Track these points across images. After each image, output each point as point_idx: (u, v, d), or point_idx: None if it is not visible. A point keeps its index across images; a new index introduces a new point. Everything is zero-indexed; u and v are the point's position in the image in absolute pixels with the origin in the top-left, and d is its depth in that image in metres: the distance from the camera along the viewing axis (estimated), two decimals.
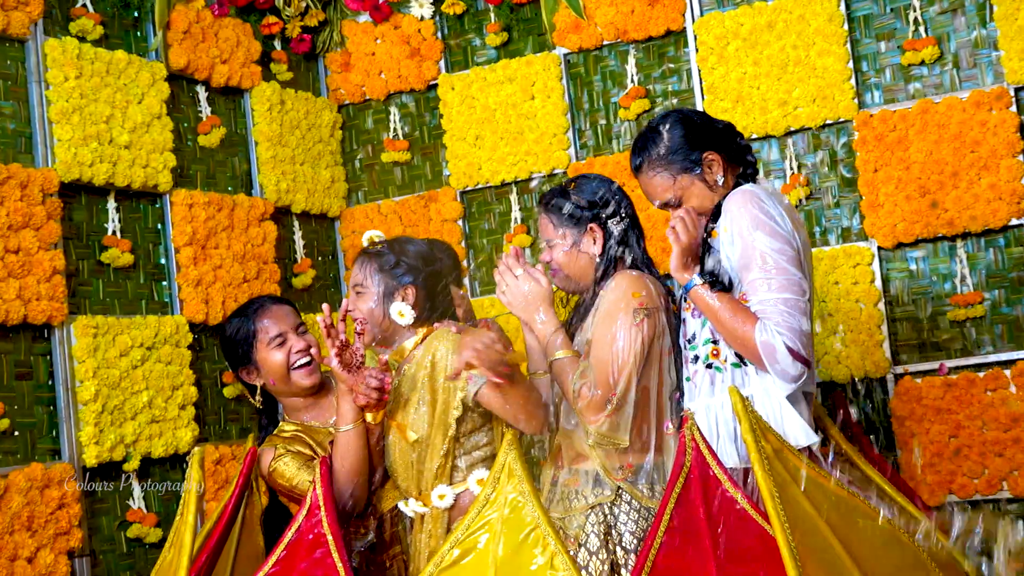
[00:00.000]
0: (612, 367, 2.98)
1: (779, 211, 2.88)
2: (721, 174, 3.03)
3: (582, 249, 3.19)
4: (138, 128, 4.51)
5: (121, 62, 4.49)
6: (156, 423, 4.37)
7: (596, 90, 5.28)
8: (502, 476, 2.68)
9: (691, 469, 2.61)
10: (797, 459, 2.65)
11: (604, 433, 2.97)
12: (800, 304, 2.82)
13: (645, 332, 2.99)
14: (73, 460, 4.09)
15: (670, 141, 3.06)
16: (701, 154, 3.03)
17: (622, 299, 3.03)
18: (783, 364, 2.79)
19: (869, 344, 4.65)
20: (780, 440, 2.64)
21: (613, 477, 3.00)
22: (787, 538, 2.43)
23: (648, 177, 3.10)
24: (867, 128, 4.68)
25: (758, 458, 2.53)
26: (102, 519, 4.23)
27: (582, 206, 3.19)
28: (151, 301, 4.60)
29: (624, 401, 2.97)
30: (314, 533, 2.78)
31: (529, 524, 2.60)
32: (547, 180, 5.30)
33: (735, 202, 2.91)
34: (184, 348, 4.56)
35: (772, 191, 2.99)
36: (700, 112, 3.21)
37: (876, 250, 4.71)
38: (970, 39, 4.65)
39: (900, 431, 4.59)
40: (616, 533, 2.97)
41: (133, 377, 4.31)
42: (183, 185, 4.78)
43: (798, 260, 2.86)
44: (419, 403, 3.25)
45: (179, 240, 4.65)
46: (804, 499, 2.59)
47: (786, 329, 2.79)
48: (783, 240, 2.85)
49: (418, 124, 5.66)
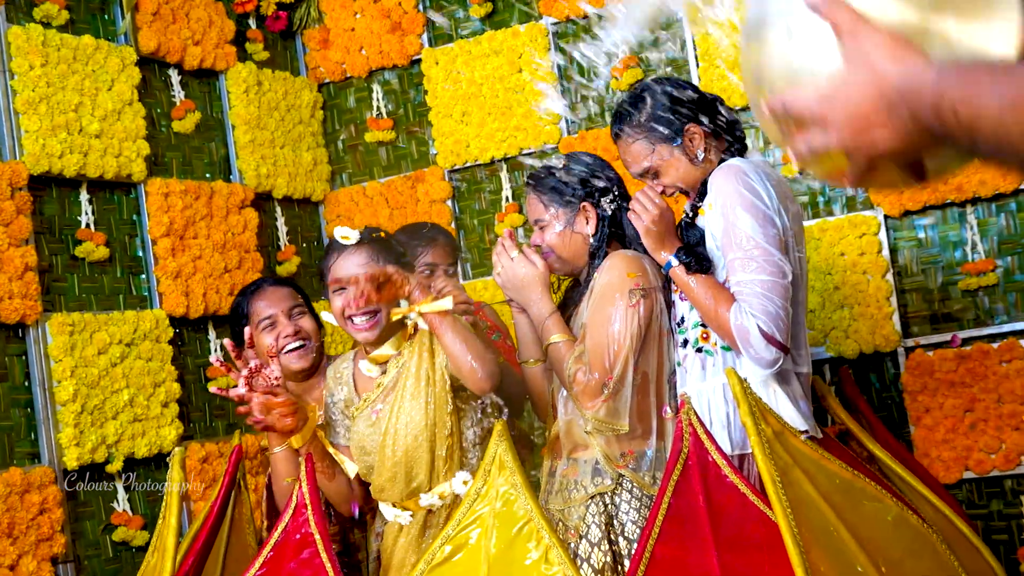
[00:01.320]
0: (608, 350, 2.99)
1: (766, 187, 2.89)
2: (703, 149, 3.02)
3: (575, 229, 3.21)
4: (109, 116, 4.52)
5: (88, 47, 4.50)
6: (138, 422, 4.40)
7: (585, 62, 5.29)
8: (492, 468, 2.70)
9: (689, 455, 2.63)
10: (798, 441, 2.68)
11: (602, 419, 2.99)
12: (778, 287, 2.81)
13: (642, 313, 3.01)
14: (53, 463, 4.11)
15: (652, 108, 3.06)
16: (683, 126, 3.03)
17: (617, 280, 3.04)
18: (757, 348, 2.80)
19: (878, 317, 4.67)
20: (780, 422, 2.66)
21: (615, 465, 3.02)
22: (789, 523, 2.45)
23: (627, 143, 3.11)
24: None
25: (758, 441, 2.55)
26: (86, 523, 4.25)
27: (573, 184, 3.20)
28: (129, 296, 4.62)
29: (621, 385, 2.99)
30: (301, 533, 2.80)
31: (522, 518, 2.63)
32: (538, 156, 5.31)
33: (719, 178, 2.92)
34: (165, 343, 4.58)
35: (760, 165, 2.99)
36: (688, 83, 3.20)
37: (882, 219, 4.72)
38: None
39: (912, 406, 4.61)
40: (618, 523, 2.99)
41: (113, 375, 4.33)
42: (158, 174, 4.80)
43: (781, 240, 2.86)
44: (427, 392, 3.21)
45: (156, 231, 4.67)
46: (807, 482, 2.61)
47: (761, 312, 2.79)
48: (765, 219, 2.85)
49: (402, 101, 5.67)
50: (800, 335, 2.96)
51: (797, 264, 2.95)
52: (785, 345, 2.82)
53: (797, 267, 2.94)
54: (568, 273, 3.28)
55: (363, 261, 3.27)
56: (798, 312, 2.95)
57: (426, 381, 3.20)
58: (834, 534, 2.57)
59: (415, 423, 3.17)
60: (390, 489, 3.25)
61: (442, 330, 3.11)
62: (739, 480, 2.60)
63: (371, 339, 3.27)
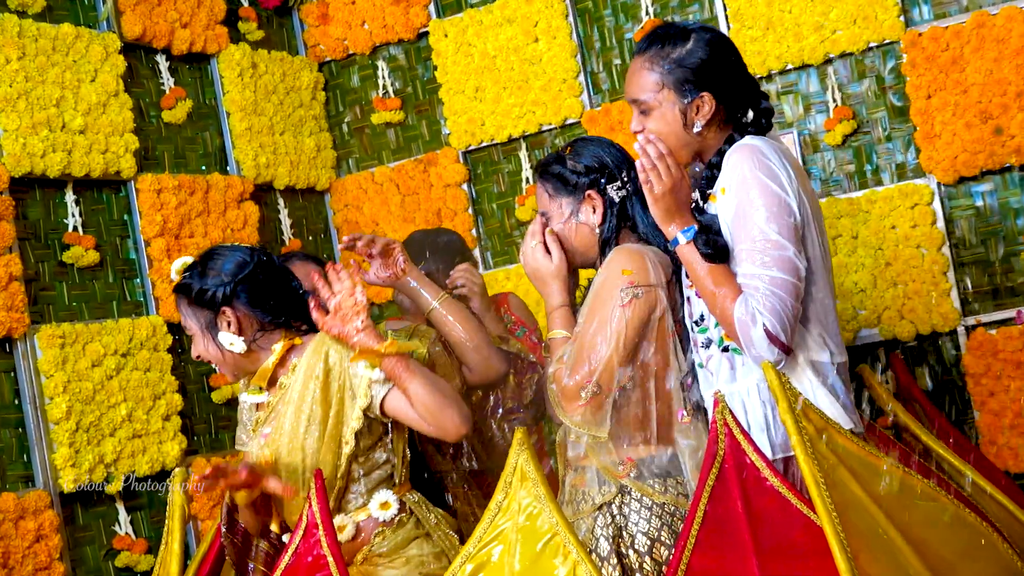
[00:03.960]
0: (590, 352, 3.02)
1: (786, 169, 2.86)
2: (703, 122, 2.99)
3: (580, 220, 3.23)
4: (93, 109, 4.58)
5: (69, 36, 4.56)
6: (138, 438, 4.46)
7: (608, 26, 5.32)
8: (514, 480, 2.72)
9: (725, 458, 2.65)
10: (844, 438, 2.69)
11: (578, 424, 3.03)
12: (789, 285, 2.79)
13: (632, 314, 3.01)
14: (48, 486, 4.18)
15: (685, 55, 3.03)
16: (699, 92, 3.00)
17: (611, 277, 3.07)
18: (759, 347, 2.79)
19: (935, 294, 4.68)
20: (823, 418, 2.67)
21: (613, 474, 3.05)
22: (835, 527, 2.47)
23: (641, 67, 3.07)
24: (916, 49, 4.70)
25: (799, 440, 2.57)
26: (86, 549, 4.33)
27: (579, 172, 3.22)
28: (123, 302, 4.68)
29: (602, 390, 3.01)
30: (313, 555, 2.84)
31: (547, 532, 2.65)
32: (559, 133, 5.34)
33: (734, 158, 2.89)
34: (163, 352, 4.64)
35: (779, 146, 2.97)
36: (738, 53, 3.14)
37: (936, 187, 4.73)
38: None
39: (976, 391, 4.63)
40: (627, 535, 3.01)
41: (109, 389, 4.39)
42: (149, 169, 4.86)
43: (797, 231, 2.83)
44: (306, 422, 3.18)
45: (149, 231, 4.73)
46: (854, 482, 2.62)
47: (768, 311, 2.77)
48: (782, 207, 2.82)
49: (410, 79, 5.71)
50: (831, 321, 2.96)
51: (819, 248, 2.93)
52: (789, 347, 2.82)
53: (819, 251, 2.93)
54: (581, 265, 3.31)
55: (181, 315, 3.25)
56: (826, 297, 2.95)
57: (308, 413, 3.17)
58: (884, 537, 2.58)
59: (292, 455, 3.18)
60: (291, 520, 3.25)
61: (406, 378, 3.09)
62: (780, 483, 2.61)
63: (235, 381, 3.30)
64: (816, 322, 2.92)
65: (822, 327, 2.94)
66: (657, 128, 3.04)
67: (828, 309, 2.95)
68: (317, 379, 3.17)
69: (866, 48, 4.83)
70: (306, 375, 3.19)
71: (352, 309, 3.10)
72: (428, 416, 3.09)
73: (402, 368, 3.08)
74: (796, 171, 2.92)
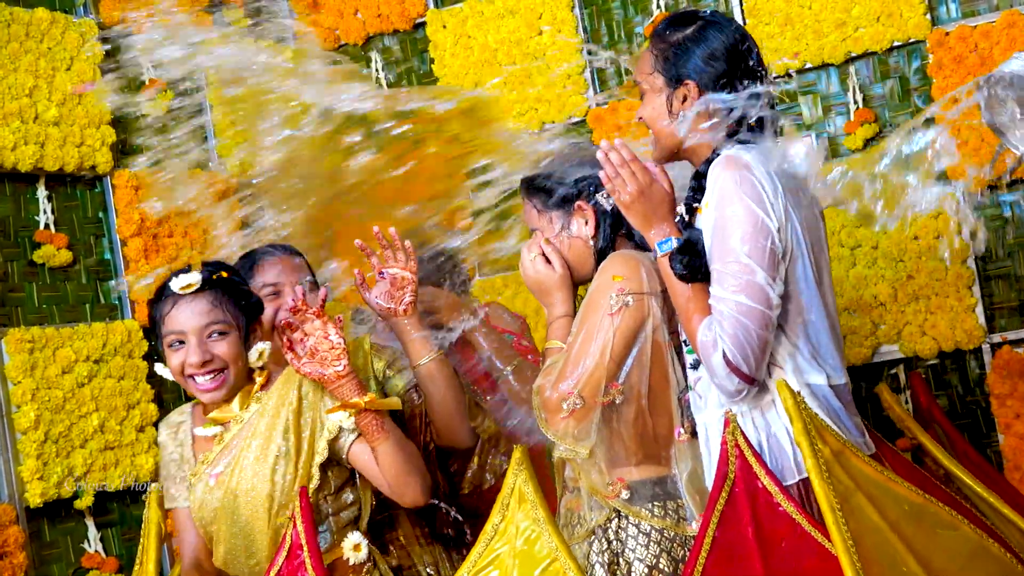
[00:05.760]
0: (575, 363, 3.03)
1: (773, 185, 2.83)
2: (685, 112, 2.98)
3: (572, 233, 3.25)
4: (68, 100, 4.58)
5: (43, 22, 4.56)
6: (111, 450, 4.47)
7: (616, 19, 5.33)
8: (511, 502, 2.73)
9: (735, 482, 2.66)
10: (862, 461, 2.70)
11: (560, 438, 3.04)
12: (755, 313, 2.76)
13: (621, 322, 3.01)
14: (14, 500, 4.18)
15: (680, 40, 3.03)
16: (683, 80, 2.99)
17: (602, 285, 3.08)
18: (718, 374, 2.79)
19: (958, 309, 4.69)
20: (840, 441, 2.69)
21: (604, 496, 3.05)
22: (851, 557, 2.49)
23: (647, 52, 3.09)
24: (943, 49, 4.71)
25: (815, 464, 2.59)
26: (52, 567, 4.32)
27: (564, 182, 3.24)
28: (96, 305, 4.69)
29: (587, 403, 3.02)
30: None
31: (546, 557, 2.66)
32: (564, 132, 5.35)
33: (717, 172, 2.86)
34: (138, 359, 4.64)
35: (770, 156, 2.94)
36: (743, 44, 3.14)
37: (962, 196, 4.73)
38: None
39: (1000, 412, 4.63)
40: (624, 562, 3.01)
41: (80, 397, 4.40)
42: (126, 164, 4.86)
43: (771, 256, 2.81)
44: (276, 456, 3.18)
45: (125, 230, 4.73)
46: (871, 509, 2.63)
47: (730, 338, 2.76)
48: (758, 230, 2.77)
49: (405, 72, 5.72)
50: (825, 343, 2.94)
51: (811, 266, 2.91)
52: (752, 377, 2.80)
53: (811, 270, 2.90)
54: (579, 280, 3.30)
55: (205, 308, 3.20)
56: (820, 318, 2.92)
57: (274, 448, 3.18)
58: (903, 569, 2.60)
59: (256, 491, 3.17)
60: (232, 562, 3.25)
61: (379, 438, 3.14)
62: (793, 508, 2.63)
63: (217, 399, 3.26)
64: (806, 344, 2.90)
65: (812, 349, 2.92)
66: (646, 115, 3.06)
67: (821, 330, 2.92)
68: (291, 406, 3.19)
69: (890, 47, 4.84)
70: (277, 404, 3.21)
71: (331, 353, 3.14)
72: (391, 479, 3.16)
73: (376, 426, 3.14)
74: (788, 186, 2.89)
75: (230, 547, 3.22)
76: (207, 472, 3.24)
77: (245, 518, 3.17)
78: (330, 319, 3.16)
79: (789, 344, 2.87)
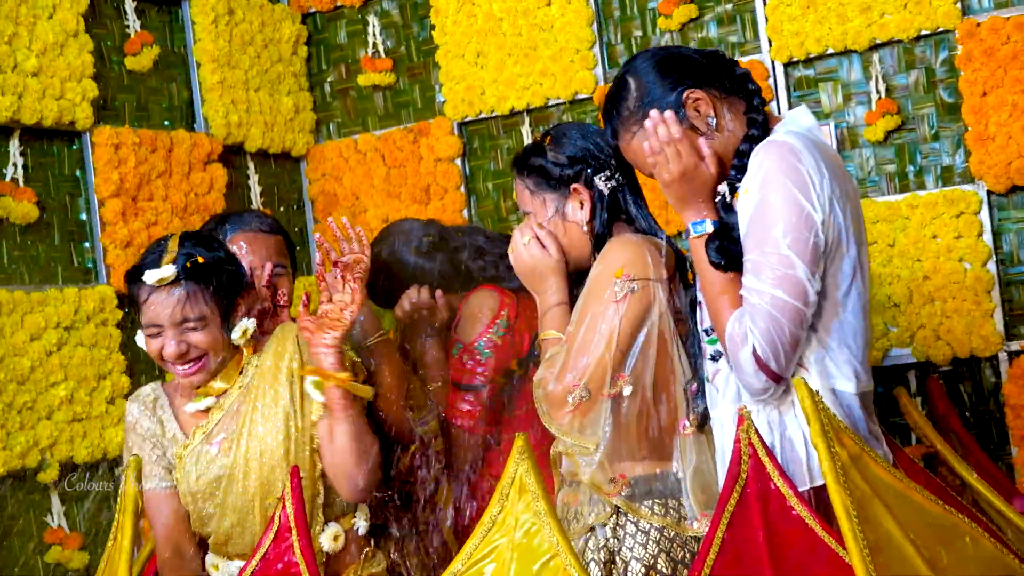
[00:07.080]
0: (580, 354, 3.02)
1: (820, 172, 2.79)
2: (713, 114, 2.96)
3: (567, 216, 3.24)
4: (49, 50, 4.55)
5: None
6: (79, 422, 4.45)
7: None
8: (511, 492, 2.71)
9: (747, 482, 2.65)
10: (881, 468, 2.70)
11: (564, 432, 3.04)
12: (790, 308, 2.75)
13: (627, 310, 3.01)
14: None
15: (638, 89, 3.01)
16: (681, 94, 2.97)
17: (604, 271, 3.07)
18: (745, 371, 2.78)
19: (976, 314, 4.69)
20: (859, 444, 2.68)
21: (605, 493, 3.05)
22: (866, 566, 2.48)
23: (626, 142, 3.06)
24: (973, 40, 4.70)
25: (831, 468, 2.58)
26: (14, 541, 4.30)
27: (562, 163, 3.23)
28: (69, 268, 4.66)
29: (592, 395, 3.02)
30: (284, 561, 2.83)
31: (546, 551, 2.65)
32: (568, 109, 5.35)
33: (761, 156, 2.83)
34: (112, 327, 4.62)
35: (815, 141, 2.91)
36: (674, 46, 3.20)
37: (985, 195, 4.74)
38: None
39: (1015, 424, 4.63)
40: (620, 560, 3.02)
41: (48, 366, 4.38)
42: (107, 121, 4.84)
43: (814, 251, 2.79)
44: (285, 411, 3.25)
45: (103, 190, 4.71)
46: (889, 518, 2.63)
47: (761, 333, 2.75)
48: (802, 220, 2.74)
49: (404, 37, 5.70)
50: (860, 346, 2.92)
51: (855, 263, 2.90)
52: (780, 376, 2.79)
53: (854, 267, 2.89)
54: (574, 267, 3.29)
55: (180, 301, 3.21)
56: (859, 319, 2.90)
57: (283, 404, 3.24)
58: None
59: (272, 451, 3.21)
60: (238, 537, 3.25)
61: (340, 417, 3.20)
62: (807, 513, 2.63)
63: (198, 382, 3.29)
64: (842, 346, 2.89)
65: (850, 352, 2.91)
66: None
67: (858, 332, 2.91)
68: (290, 357, 3.28)
69: (917, 36, 4.83)
70: (275, 359, 3.28)
71: (333, 322, 3.22)
72: (337, 463, 3.23)
73: (340, 407, 3.19)
74: (836, 175, 2.87)
75: (240, 517, 3.24)
76: (203, 444, 3.26)
77: (262, 481, 3.21)
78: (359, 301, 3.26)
79: (820, 345, 2.86)
